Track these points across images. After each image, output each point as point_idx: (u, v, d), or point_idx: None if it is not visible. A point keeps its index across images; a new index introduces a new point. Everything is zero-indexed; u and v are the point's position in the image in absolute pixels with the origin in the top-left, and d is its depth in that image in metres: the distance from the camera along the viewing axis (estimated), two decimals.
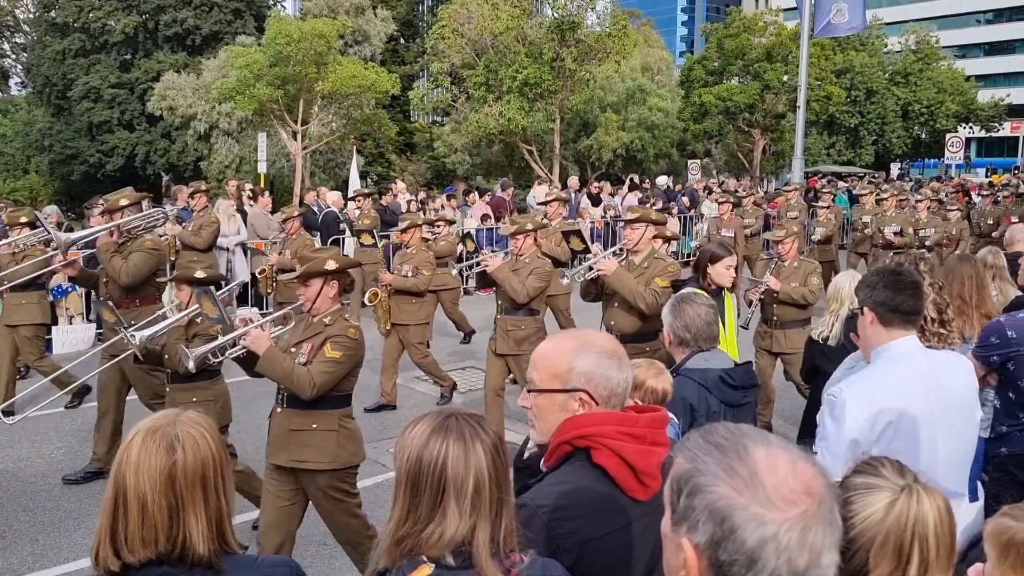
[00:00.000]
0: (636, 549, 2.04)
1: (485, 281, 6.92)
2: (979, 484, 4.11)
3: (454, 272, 8.87)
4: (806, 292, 6.56)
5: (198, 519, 1.75)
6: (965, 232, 12.05)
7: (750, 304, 6.64)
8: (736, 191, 19.51)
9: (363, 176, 36.70)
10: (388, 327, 7.79)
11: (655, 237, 5.87)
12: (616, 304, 5.66)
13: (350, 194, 13.40)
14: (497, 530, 1.69)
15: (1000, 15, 67.23)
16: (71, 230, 13.48)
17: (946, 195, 14.86)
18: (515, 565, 1.68)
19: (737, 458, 1.15)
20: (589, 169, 32.89)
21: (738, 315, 5.46)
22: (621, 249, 6.00)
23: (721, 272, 5.04)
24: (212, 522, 1.78)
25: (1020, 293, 4.79)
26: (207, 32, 37.66)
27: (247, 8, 38.63)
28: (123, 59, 38.79)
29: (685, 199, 18.02)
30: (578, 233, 7.16)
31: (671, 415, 3.28)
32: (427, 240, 8.74)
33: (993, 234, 12.08)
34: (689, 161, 28.33)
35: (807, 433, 5.13)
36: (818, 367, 5.02)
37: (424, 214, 15.68)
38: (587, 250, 6.80)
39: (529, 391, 2.12)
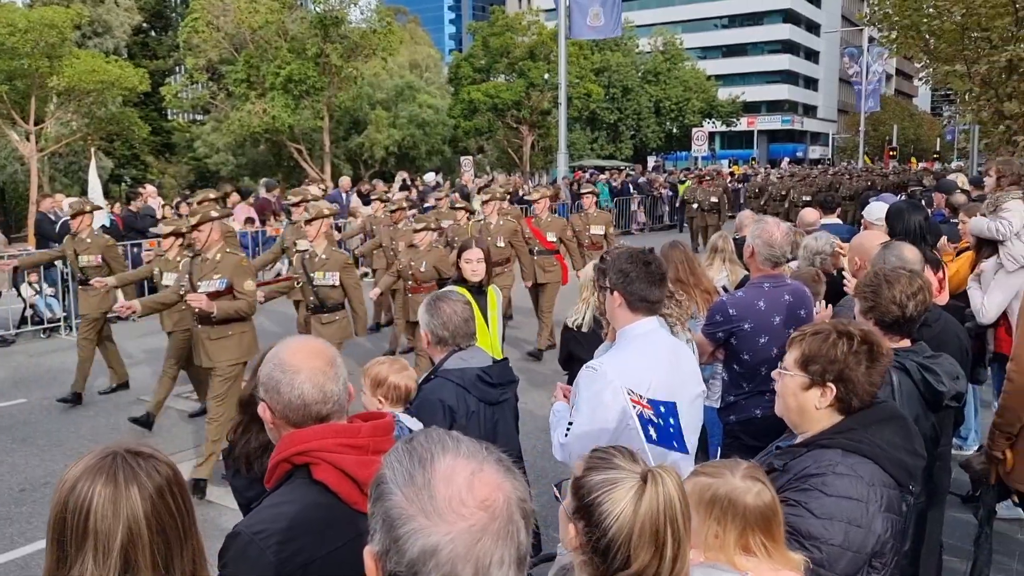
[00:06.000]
0: None
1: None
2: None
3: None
4: None
5: None
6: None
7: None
8: (505, 186, 20.03)
9: (116, 180, 33.90)
10: None
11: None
12: None
13: (66, 209, 11.91)
14: None
15: (734, 21, 74.64)
16: None
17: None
18: None
19: (420, 466, 1.11)
20: (362, 167, 32.49)
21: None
22: None
23: (463, 267, 5.05)
24: None
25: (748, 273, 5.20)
26: None
27: None
28: None
29: (456, 195, 18.19)
30: None
31: (412, 421, 3.22)
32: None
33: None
34: (462, 158, 28.73)
35: None
36: (573, 354, 5.17)
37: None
38: None
39: None
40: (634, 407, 2.34)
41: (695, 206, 17.54)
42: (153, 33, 39.36)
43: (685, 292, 4.15)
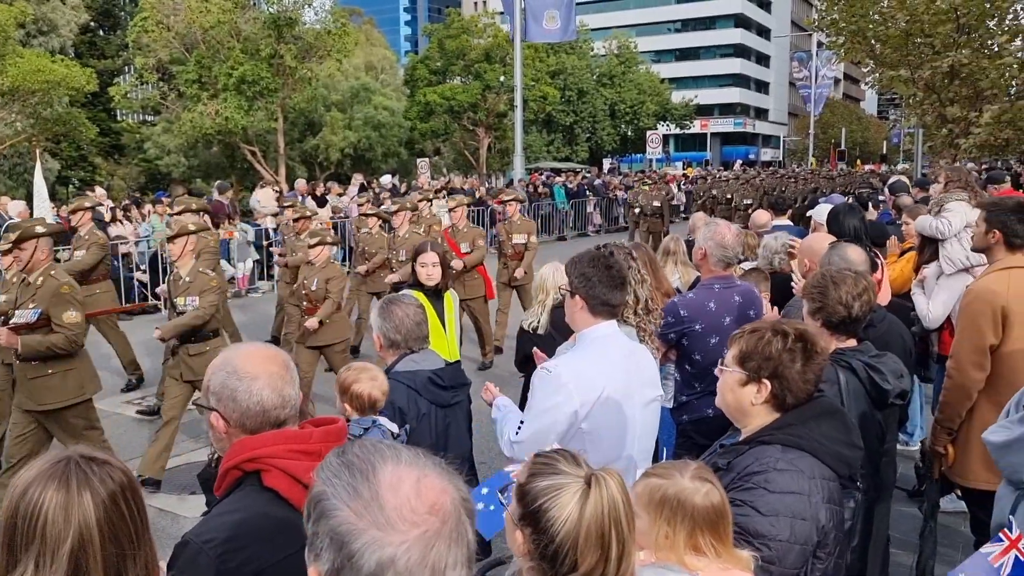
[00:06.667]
0: None
1: None
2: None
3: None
4: None
5: None
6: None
7: None
8: (463, 188, 20.04)
9: (64, 182, 33.08)
10: None
11: None
12: None
13: (11, 211, 11.52)
14: None
15: (687, 25, 75.59)
16: None
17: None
18: None
19: (363, 479, 1.10)
20: (318, 169, 32.22)
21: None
22: None
23: (419, 271, 5.02)
24: None
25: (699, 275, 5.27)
26: None
27: None
28: None
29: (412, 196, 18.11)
30: None
31: (387, 422, 3.21)
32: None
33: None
34: (418, 160, 28.62)
35: None
36: (529, 356, 5.19)
37: (130, 222, 14.46)
38: None
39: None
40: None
41: (638, 210, 17.62)
42: (101, 32, 38.52)
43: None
